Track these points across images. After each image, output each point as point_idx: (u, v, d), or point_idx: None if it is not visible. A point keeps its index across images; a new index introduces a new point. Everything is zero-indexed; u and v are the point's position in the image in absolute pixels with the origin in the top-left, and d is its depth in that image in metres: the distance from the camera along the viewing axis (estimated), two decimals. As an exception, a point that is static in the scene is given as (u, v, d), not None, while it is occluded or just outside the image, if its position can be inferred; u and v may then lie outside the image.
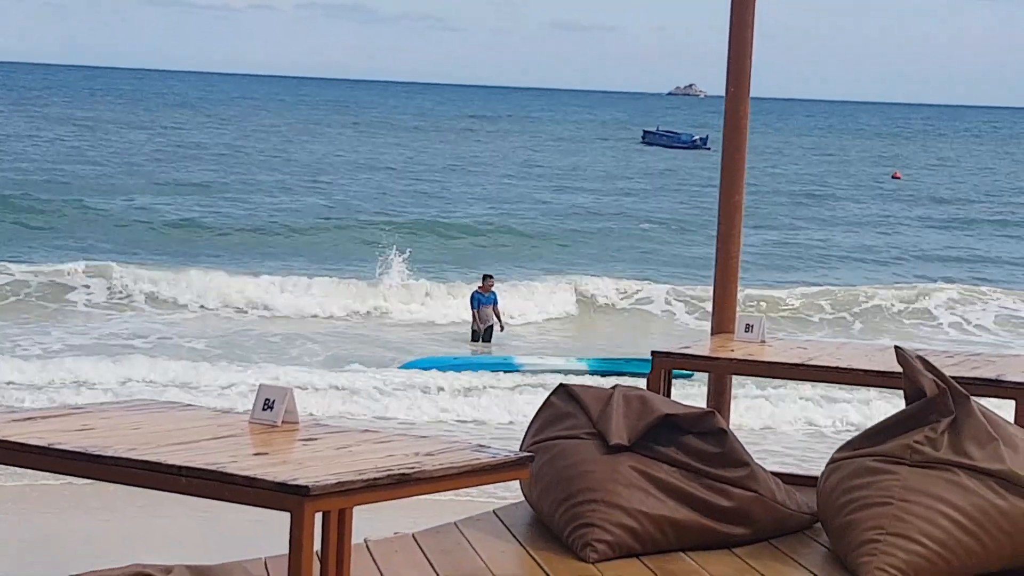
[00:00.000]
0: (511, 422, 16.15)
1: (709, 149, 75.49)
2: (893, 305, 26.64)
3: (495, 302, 22.28)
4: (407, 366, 19.45)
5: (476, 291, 22.31)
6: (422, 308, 24.69)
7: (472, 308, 22.19)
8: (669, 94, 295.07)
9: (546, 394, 6.87)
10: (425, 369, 19.04)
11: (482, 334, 22.03)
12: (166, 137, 66.52)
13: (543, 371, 19.50)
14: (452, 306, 24.33)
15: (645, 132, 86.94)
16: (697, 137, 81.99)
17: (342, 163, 56.53)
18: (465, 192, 46.92)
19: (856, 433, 6.66)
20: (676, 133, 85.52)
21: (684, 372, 16.87)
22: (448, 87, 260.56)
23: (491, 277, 22.66)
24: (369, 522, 6.20)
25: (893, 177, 61.07)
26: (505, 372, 19.27)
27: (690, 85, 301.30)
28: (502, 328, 22.24)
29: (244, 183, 45.63)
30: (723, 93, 8.28)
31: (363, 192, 44.97)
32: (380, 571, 5.82)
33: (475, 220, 37.79)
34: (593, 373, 19.46)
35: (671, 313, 25.83)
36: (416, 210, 40.08)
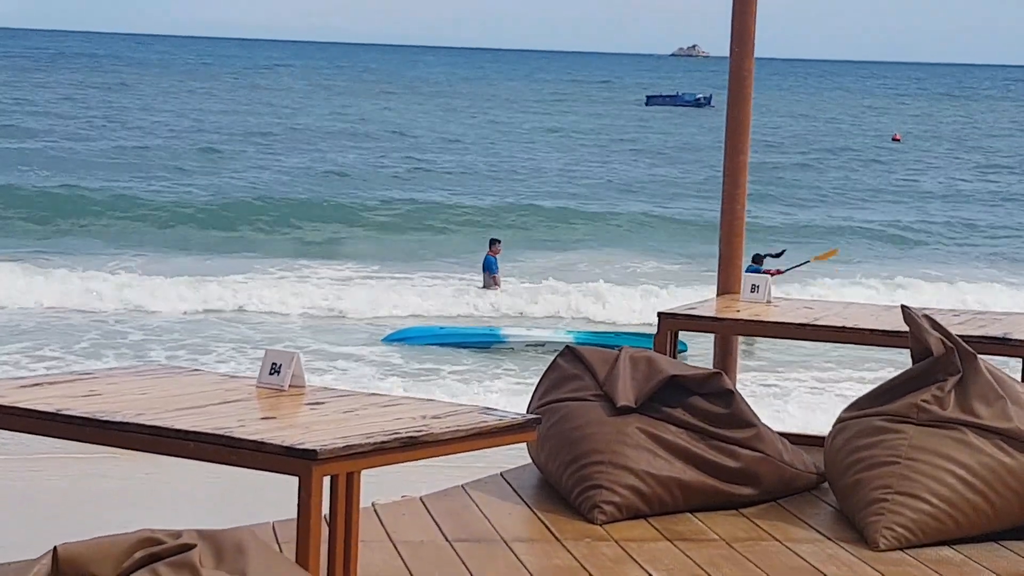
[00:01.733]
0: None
1: (713, 107, 76.33)
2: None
3: (496, 269, 22.32)
4: (389, 338, 18.68)
5: (489, 255, 22.44)
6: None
7: (485, 271, 22.27)
8: (672, 55, 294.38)
9: None
10: (409, 341, 18.45)
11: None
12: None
13: (530, 343, 18.82)
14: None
15: (648, 97, 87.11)
16: (700, 95, 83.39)
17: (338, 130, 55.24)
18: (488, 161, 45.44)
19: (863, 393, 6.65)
20: (680, 95, 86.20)
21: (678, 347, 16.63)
22: (444, 50, 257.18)
23: (499, 241, 22.77)
24: (377, 486, 6.21)
25: (893, 139, 60.86)
26: (490, 344, 18.73)
27: (693, 46, 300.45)
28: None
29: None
30: (726, 54, 8.26)
31: (364, 160, 43.73)
32: (388, 534, 5.83)
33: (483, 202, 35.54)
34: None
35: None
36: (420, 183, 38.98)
